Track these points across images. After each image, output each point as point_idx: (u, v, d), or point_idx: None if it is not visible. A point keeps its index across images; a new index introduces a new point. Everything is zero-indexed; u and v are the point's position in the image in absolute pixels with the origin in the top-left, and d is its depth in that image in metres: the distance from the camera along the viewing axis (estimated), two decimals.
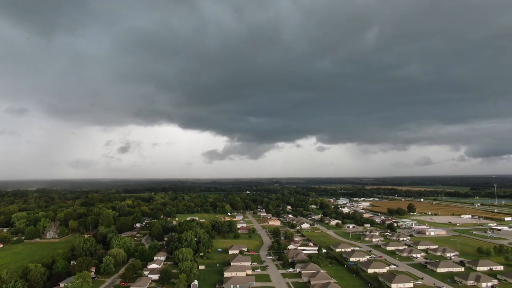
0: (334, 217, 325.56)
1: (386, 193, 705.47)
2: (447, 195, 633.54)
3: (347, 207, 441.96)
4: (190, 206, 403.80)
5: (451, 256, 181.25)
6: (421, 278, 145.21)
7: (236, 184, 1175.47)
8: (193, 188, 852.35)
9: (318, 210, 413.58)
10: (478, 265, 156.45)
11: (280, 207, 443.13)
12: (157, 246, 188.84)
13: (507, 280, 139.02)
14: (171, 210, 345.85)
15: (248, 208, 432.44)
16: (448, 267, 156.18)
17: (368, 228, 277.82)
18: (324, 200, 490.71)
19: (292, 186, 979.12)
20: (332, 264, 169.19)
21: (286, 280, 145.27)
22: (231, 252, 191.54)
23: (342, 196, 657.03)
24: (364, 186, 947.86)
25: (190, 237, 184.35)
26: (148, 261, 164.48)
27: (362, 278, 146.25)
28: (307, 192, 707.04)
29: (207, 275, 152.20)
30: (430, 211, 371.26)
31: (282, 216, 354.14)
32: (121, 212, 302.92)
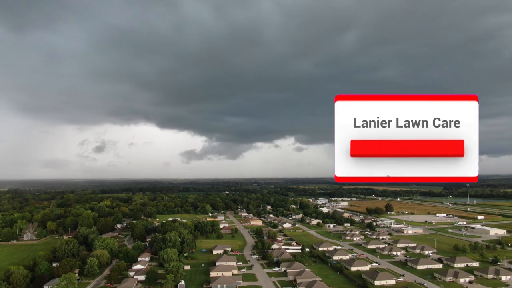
0: (315, 216, 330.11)
1: (363, 193, 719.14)
2: (421, 195, 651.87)
3: (326, 206, 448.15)
4: (170, 207, 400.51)
5: (429, 253, 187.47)
6: (402, 275, 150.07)
7: (214, 184, 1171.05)
8: (171, 189, 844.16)
9: (298, 210, 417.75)
10: (455, 262, 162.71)
11: (260, 207, 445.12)
12: (140, 247, 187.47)
13: (483, 276, 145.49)
14: (151, 211, 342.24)
15: (229, 208, 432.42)
16: (427, 264, 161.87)
17: (348, 227, 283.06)
18: (303, 200, 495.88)
19: (271, 186, 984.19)
20: (316, 262, 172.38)
21: (272, 279, 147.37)
22: (216, 252, 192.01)
23: (321, 196, 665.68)
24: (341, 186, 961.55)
25: (174, 238, 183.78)
26: (132, 262, 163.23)
27: (346, 276, 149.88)
28: (286, 192, 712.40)
29: (193, 275, 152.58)
30: (407, 210, 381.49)
31: (263, 216, 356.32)
32: (101, 213, 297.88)
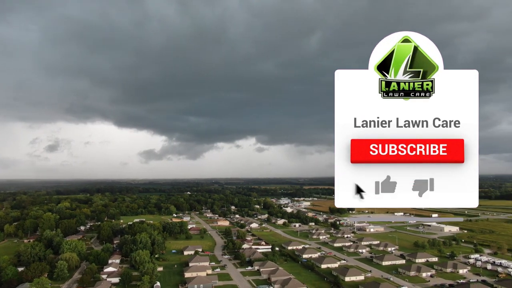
0: (280, 216, 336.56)
1: (324, 193, 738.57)
2: None
3: (290, 206, 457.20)
4: (133, 208, 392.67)
5: (392, 250, 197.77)
6: (370, 271, 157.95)
7: (175, 185, 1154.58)
8: (131, 189, 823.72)
9: (262, 210, 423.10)
10: (417, 257, 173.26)
11: (224, 207, 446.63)
12: (110, 249, 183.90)
13: (443, 270, 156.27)
14: (114, 212, 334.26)
15: (193, 209, 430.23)
16: (391, 260, 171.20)
17: (313, 226, 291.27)
18: (267, 200, 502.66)
19: (232, 187, 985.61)
20: (287, 261, 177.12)
21: (246, 278, 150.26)
22: (187, 253, 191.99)
23: (283, 196, 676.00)
24: (302, 186, 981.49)
25: (145, 239, 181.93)
26: (103, 265, 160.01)
27: (317, 273, 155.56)
28: (248, 192, 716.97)
29: (166, 276, 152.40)
30: (367, 210, 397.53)
31: (229, 217, 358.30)
32: (62, 215, 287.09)
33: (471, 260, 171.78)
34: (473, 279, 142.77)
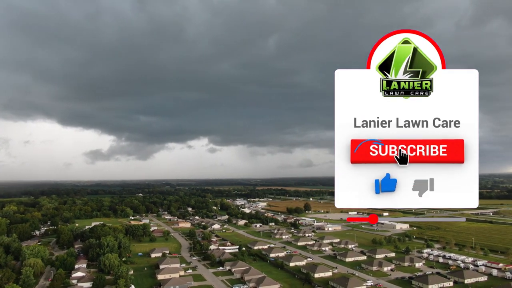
0: (241, 217, 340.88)
1: (277, 193, 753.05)
2: (330, 194, 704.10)
3: (247, 207, 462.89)
4: (87, 211, 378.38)
5: (352, 247, 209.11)
6: (335, 267, 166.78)
7: (124, 187, 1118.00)
8: (78, 191, 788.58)
9: (221, 211, 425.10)
10: (376, 253, 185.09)
11: (181, 209, 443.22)
12: (74, 254, 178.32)
13: (401, 264, 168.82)
14: (68, 215, 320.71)
15: (149, 211, 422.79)
16: (354, 256, 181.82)
17: (274, 226, 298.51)
18: (223, 201, 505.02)
19: (185, 188, 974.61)
20: (256, 260, 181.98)
21: (219, 278, 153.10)
22: (154, 255, 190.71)
23: (238, 197, 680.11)
24: (255, 187, 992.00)
25: (112, 242, 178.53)
26: (70, 270, 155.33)
27: (287, 271, 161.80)
28: (203, 193, 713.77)
29: (138, 279, 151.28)
30: (322, 209, 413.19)
31: (189, 218, 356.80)
32: (12, 220, 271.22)
33: (424, 254, 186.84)
34: (428, 271, 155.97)
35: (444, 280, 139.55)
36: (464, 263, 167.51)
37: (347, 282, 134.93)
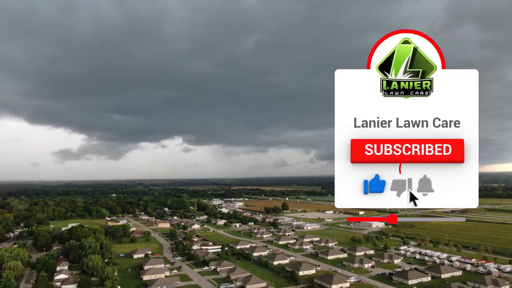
0: (220, 217, 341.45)
1: (253, 193, 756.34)
2: (305, 194, 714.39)
3: (224, 207, 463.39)
4: (61, 212, 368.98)
5: (332, 245, 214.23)
6: (318, 265, 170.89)
7: (96, 187, 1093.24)
8: (48, 192, 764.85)
9: (198, 211, 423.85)
10: (356, 251, 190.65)
11: (158, 209, 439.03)
12: (54, 256, 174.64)
13: (380, 260, 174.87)
14: (42, 217, 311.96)
15: (126, 212, 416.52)
16: (335, 254, 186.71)
17: (253, 226, 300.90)
18: (200, 201, 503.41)
19: (159, 188, 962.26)
20: (240, 260, 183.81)
21: (205, 277, 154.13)
22: (136, 256, 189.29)
23: (214, 197, 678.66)
24: (230, 187, 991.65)
25: (94, 244, 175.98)
26: (52, 272, 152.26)
27: (271, 270, 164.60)
28: (178, 193, 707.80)
29: (124, 280, 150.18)
30: (299, 208, 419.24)
31: (167, 219, 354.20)
32: None
33: (402, 251, 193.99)
34: (407, 267, 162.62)
35: (423, 275, 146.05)
36: (440, 259, 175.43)
37: (331, 279, 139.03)
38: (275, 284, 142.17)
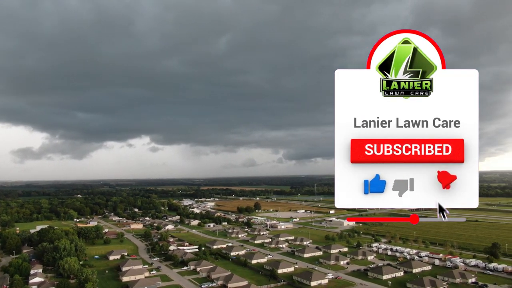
0: (193, 217, 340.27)
1: (223, 193, 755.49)
2: (275, 194, 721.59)
3: (196, 207, 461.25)
4: (26, 214, 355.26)
5: (307, 244, 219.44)
6: (295, 263, 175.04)
7: (58, 187, 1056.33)
8: (8, 193, 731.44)
9: (169, 211, 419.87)
10: (331, 248, 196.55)
11: (128, 210, 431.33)
12: (27, 259, 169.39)
13: (355, 257, 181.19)
14: (7, 219, 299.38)
15: (94, 213, 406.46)
16: (311, 252, 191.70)
17: (227, 226, 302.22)
18: (171, 201, 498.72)
19: (126, 188, 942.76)
20: (218, 259, 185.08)
21: (186, 277, 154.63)
22: (112, 257, 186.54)
23: (183, 197, 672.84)
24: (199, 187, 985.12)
25: (69, 246, 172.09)
26: (26, 276, 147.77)
27: (250, 268, 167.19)
28: (147, 194, 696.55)
29: (103, 283, 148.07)
30: (271, 208, 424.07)
31: (139, 220, 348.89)
32: None
33: (374, 248, 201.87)
34: (380, 263, 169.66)
35: (396, 270, 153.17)
36: (410, 255, 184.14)
37: (311, 276, 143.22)
38: (256, 282, 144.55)
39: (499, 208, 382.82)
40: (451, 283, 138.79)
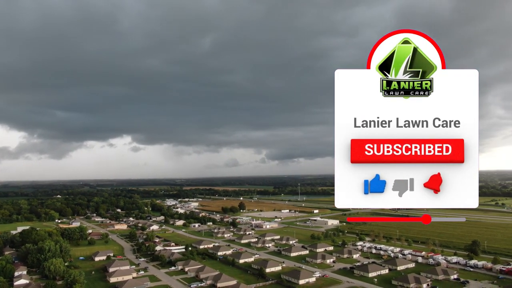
0: (178, 217, 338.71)
1: (207, 193, 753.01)
2: (258, 194, 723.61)
3: (179, 207, 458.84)
4: (4, 214, 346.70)
5: (293, 243, 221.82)
6: (283, 262, 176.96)
7: (36, 188, 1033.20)
8: None
9: (153, 212, 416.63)
10: (317, 247, 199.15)
11: (110, 210, 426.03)
12: (10, 260, 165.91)
13: (340, 256, 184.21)
14: None
15: (76, 214, 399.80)
16: (298, 251, 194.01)
17: (212, 226, 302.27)
18: (154, 201, 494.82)
19: (107, 189, 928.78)
20: (206, 259, 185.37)
21: (174, 277, 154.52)
22: (98, 258, 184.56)
23: (166, 197, 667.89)
24: (181, 187, 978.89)
25: (54, 247, 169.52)
26: (10, 278, 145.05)
27: (238, 268, 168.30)
28: (129, 194, 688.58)
29: (90, 284, 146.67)
30: (256, 208, 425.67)
31: (123, 220, 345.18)
32: None
33: (359, 246, 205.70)
34: (366, 261, 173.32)
35: (381, 268, 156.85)
36: (394, 253, 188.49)
37: (299, 275, 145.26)
38: (245, 281, 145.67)
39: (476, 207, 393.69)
40: (434, 279, 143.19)
